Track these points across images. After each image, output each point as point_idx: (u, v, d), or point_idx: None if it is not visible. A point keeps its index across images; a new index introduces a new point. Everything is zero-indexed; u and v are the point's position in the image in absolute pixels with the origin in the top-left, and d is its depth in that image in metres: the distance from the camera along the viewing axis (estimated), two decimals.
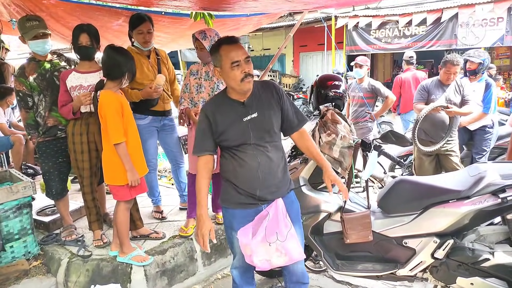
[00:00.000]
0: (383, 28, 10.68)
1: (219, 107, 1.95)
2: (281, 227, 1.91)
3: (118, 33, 3.93)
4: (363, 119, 4.79)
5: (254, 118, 1.91)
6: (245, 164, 1.92)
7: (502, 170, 2.23)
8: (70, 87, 2.76)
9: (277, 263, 1.92)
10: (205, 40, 2.91)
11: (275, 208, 1.93)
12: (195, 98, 3.03)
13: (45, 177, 3.06)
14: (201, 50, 2.95)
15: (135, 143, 2.65)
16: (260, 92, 1.98)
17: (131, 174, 2.55)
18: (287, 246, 1.90)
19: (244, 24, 4.56)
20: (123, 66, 2.52)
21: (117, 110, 2.49)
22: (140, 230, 3.08)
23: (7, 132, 4.85)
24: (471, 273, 2.22)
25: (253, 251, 1.87)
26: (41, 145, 2.97)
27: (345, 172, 2.40)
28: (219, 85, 3.03)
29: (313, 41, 13.65)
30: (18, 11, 3.18)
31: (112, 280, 2.66)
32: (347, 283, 2.95)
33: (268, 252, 1.90)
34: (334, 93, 2.68)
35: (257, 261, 1.88)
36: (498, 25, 9.00)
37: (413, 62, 6.17)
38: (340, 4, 6.16)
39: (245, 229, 1.92)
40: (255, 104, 1.94)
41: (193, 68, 3.09)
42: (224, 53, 1.85)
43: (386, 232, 2.38)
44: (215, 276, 3.14)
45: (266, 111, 1.94)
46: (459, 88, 3.73)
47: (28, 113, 2.91)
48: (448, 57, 3.68)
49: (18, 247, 2.87)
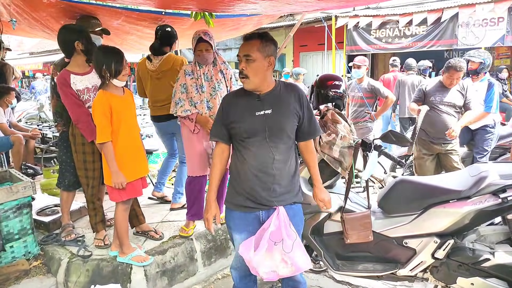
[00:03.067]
0: (384, 28, 10.67)
1: (235, 98, 2.01)
2: (285, 238, 1.85)
3: (118, 31, 3.93)
4: (363, 119, 4.79)
5: (268, 114, 1.90)
6: (250, 159, 1.91)
7: (502, 170, 2.23)
8: (76, 90, 2.75)
9: (283, 273, 1.88)
10: (211, 40, 2.90)
11: (277, 219, 1.87)
12: (195, 98, 2.97)
13: (61, 166, 3.10)
14: (207, 51, 2.91)
15: (130, 145, 2.61)
16: (282, 92, 1.97)
17: (115, 176, 2.50)
18: (293, 256, 1.85)
19: (244, 24, 4.56)
20: (100, 62, 2.47)
21: (103, 111, 2.46)
22: (142, 226, 3.10)
23: (7, 132, 4.85)
24: (471, 273, 2.22)
25: (257, 264, 1.83)
26: (64, 135, 3.01)
27: (345, 172, 2.40)
28: (220, 84, 3.02)
29: (313, 41, 13.62)
30: (18, 11, 3.18)
31: (112, 280, 2.66)
32: (348, 283, 2.95)
33: (274, 263, 1.86)
34: (334, 93, 2.68)
35: (263, 273, 1.85)
36: (498, 25, 8.99)
37: (397, 64, 7.33)
38: (340, 6, 6.17)
39: (247, 243, 1.87)
40: (272, 101, 1.93)
41: (187, 68, 3.02)
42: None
43: (386, 232, 2.38)
44: (215, 276, 3.13)
45: (281, 111, 1.93)
46: (462, 90, 3.70)
47: (58, 101, 2.96)
48: (452, 62, 3.61)
49: (18, 247, 2.86)
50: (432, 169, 3.88)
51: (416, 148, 3.94)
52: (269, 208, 1.93)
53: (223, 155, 2.04)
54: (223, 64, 3.13)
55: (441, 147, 3.77)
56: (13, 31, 3.80)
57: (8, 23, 3.33)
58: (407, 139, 2.49)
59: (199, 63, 2.98)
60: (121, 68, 2.51)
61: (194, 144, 3.00)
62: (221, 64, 3.11)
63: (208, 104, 2.98)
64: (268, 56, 1.89)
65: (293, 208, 2.00)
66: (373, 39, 10.89)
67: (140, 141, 2.75)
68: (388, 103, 4.76)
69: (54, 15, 3.24)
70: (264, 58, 1.88)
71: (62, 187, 3.11)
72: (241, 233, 1.98)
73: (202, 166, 3.03)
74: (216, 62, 3.07)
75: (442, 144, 3.75)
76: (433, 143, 3.79)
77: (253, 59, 1.86)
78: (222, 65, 3.11)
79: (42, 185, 4.18)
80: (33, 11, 3.16)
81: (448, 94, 3.70)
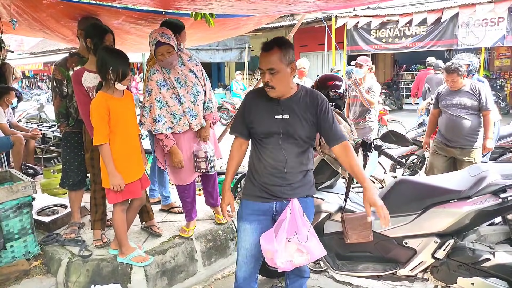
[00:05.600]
0: (384, 28, 10.68)
1: (258, 97, 2.04)
2: (300, 227, 1.93)
3: (118, 31, 3.93)
4: (363, 119, 4.80)
5: (285, 119, 1.95)
6: (266, 157, 1.99)
7: (503, 170, 2.23)
8: (86, 87, 2.76)
9: (299, 262, 1.95)
10: (171, 41, 2.68)
11: (292, 210, 1.95)
12: (179, 111, 2.81)
13: (64, 167, 3.12)
14: (170, 54, 2.67)
15: (127, 147, 2.59)
16: (302, 99, 1.98)
17: (112, 177, 2.50)
18: (308, 245, 1.93)
19: (244, 24, 4.55)
20: (108, 64, 2.44)
21: (100, 113, 2.45)
22: (151, 221, 3.15)
23: (7, 132, 4.85)
24: (471, 273, 2.22)
25: (274, 254, 1.90)
26: (67, 135, 3.05)
27: (345, 172, 2.40)
28: (197, 87, 2.85)
29: (314, 41, 13.64)
30: (18, 12, 3.18)
31: (112, 280, 2.66)
32: (348, 283, 2.95)
33: (290, 253, 1.92)
34: (334, 93, 2.68)
35: (279, 263, 1.90)
36: (498, 25, 8.99)
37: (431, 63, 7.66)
38: (341, 7, 6.17)
39: (268, 235, 1.96)
40: (291, 107, 1.96)
41: (158, 78, 2.76)
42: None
43: (386, 232, 2.38)
44: (215, 276, 3.13)
45: (299, 117, 1.95)
46: (474, 91, 3.63)
47: (61, 102, 3.00)
48: (446, 65, 3.74)
49: (18, 247, 2.86)
50: (442, 170, 3.83)
51: (432, 146, 3.96)
52: (283, 200, 2.00)
53: (241, 148, 2.14)
54: (190, 61, 2.89)
55: (456, 151, 3.75)
56: (13, 31, 3.80)
57: (8, 24, 3.33)
58: (407, 139, 2.49)
59: (165, 68, 2.78)
60: (127, 72, 2.49)
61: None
62: (188, 61, 2.88)
63: (192, 112, 2.85)
64: (290, 63, 1.90)
65: (305, 201, 2.07)
66: (373, 39, 10.91)
67: (138, 143, 2.72)
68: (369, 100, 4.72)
69: (54, 16, 3.23)
70: (286, 66, 1.89)
71: (66, 187, 3.13)
72: (251, 222, 2.05)
73: (189, 173, 2.97)
74: (183, 61, 2.86)
75: (458, 148, 3.72)
76: (448, 146, 3.78)
77: (277, 70, 1.87)
78: (189, 62, 2.88)
79: (42, 185, 4.18)
80: (33, 11, 3.16)
81: (457, 96, 3.68)
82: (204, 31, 4.16)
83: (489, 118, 3.60)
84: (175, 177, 2.99)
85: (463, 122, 3.65)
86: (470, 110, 3.64)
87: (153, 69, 2.83)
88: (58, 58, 3.27)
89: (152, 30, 2.77)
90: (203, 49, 13.57)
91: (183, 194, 3.04)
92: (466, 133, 3.66)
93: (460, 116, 3.67)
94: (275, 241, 1.90)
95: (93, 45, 2.79)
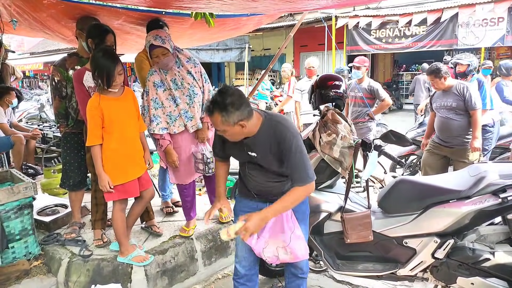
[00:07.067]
0: (384, 28, 10.66)
1: None
2: (285, 230, 2.02)
3: (118, 32, 3.93)
4: (363, 119, 4.80)
5: (256, 156, 1.97)
6: (249, 172, 2.09)
7: (502, 170, 2.23)
8: (88, 87, 2.76)
9: (283, 259, 2.06)
10: (165, 43, 2.67)
11: None
12: (174, 112, 2.82)
13: (64, 167, 3.13)
14: (165, 56, 2.67)
15: (124, 147, 2.59)
16: (262, 136, 1.90)
17: (99, 178, 2.54)
18: (292, 246, 2.02)
19: (244, 24, 4.55)
20: (94, 70, 2.45)
21: (92, 115, 2.48)
22: (152, 221, 3.17)
23: (8, 132, 4.85)
24: (471, 273, 2.23)
25: (261, 249, 2.04)
26: (67, 136, 3.06)
27: (345, 172, 2.40)
28: (194, 89, 2.84)
29: (314, 41, 13.62)
30: (18, 12, 3.18)
31: (113, 280, 2.66)
32: (348, 283, 2.96)
33: (275, 249, 2.04)
34: (334, 93, 2.68)
35: (266, 257, 2.05)
36: (498, 25, 8.98)
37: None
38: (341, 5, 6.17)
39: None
40: (256, 146, 1.94)
41: (155, 79, 2.77)
42: None
43: (386, 232, 2.39)
44: (216, 276, 3.14)
45: (266, 154, 1.94)
46: (459, 92, 3.64)
47: (61, 102, 3.01)
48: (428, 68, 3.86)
49: (19, 247, 2.87)
50: (436, 167, 3.85)
51: (428, 145, 3.99)
52: (272, 201, 2.01)
53: (225, 165, 2.26)
54: (189, 62, 2.88)
55: (450, 151, 3.76)
56: (14, 31, 3.80)
57: (9, 24, 3.34)
58: (407, 139, 2.49)
59: (163, 69, 2.79)
60: (112, 79, 2.45)
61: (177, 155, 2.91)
62: (186, 62, 2.87)
63: (187, 114, 2.85)
64: (236, 123, 1.78)
65: None
66: (373, 39, 10.89)
67: (137, 142, 2.70)
68: (383, 105, 4.76)
69: (54, 16, 3.23)
70: (233, 126, 1.79)
71: (66, 188, 3.13)
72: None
73: (189, 173, 2.99)
74: (181, 62, 2.86)
75: (451, 148, 3.74)
76: (441, 145, 3.82)
77: (223, 130, 1.83)
78: (188, 63, 2.87)
79: (42, 185, 4.19)
80: (33, 11, 3.16)
81: (445, 98, 3.72)
82: (204, 31, 4.16)
83: (477, 118, 3.59)
84: (175, 177, 3.02)
85: (452, 123, 3.67)
86: (458, 110, 3.64)
87: (152, 70, 2.85)
88: (58, 58, 3.27)
89: (148, 34, 2.78)
90: (203, 49, 13.54)
91: (183, 193, 3.07)
92: (457, 134, 3.67)
93: (448, 118, 3.69)
94: (255, 238, 2.00)
95: (94, 45, 2.79)
